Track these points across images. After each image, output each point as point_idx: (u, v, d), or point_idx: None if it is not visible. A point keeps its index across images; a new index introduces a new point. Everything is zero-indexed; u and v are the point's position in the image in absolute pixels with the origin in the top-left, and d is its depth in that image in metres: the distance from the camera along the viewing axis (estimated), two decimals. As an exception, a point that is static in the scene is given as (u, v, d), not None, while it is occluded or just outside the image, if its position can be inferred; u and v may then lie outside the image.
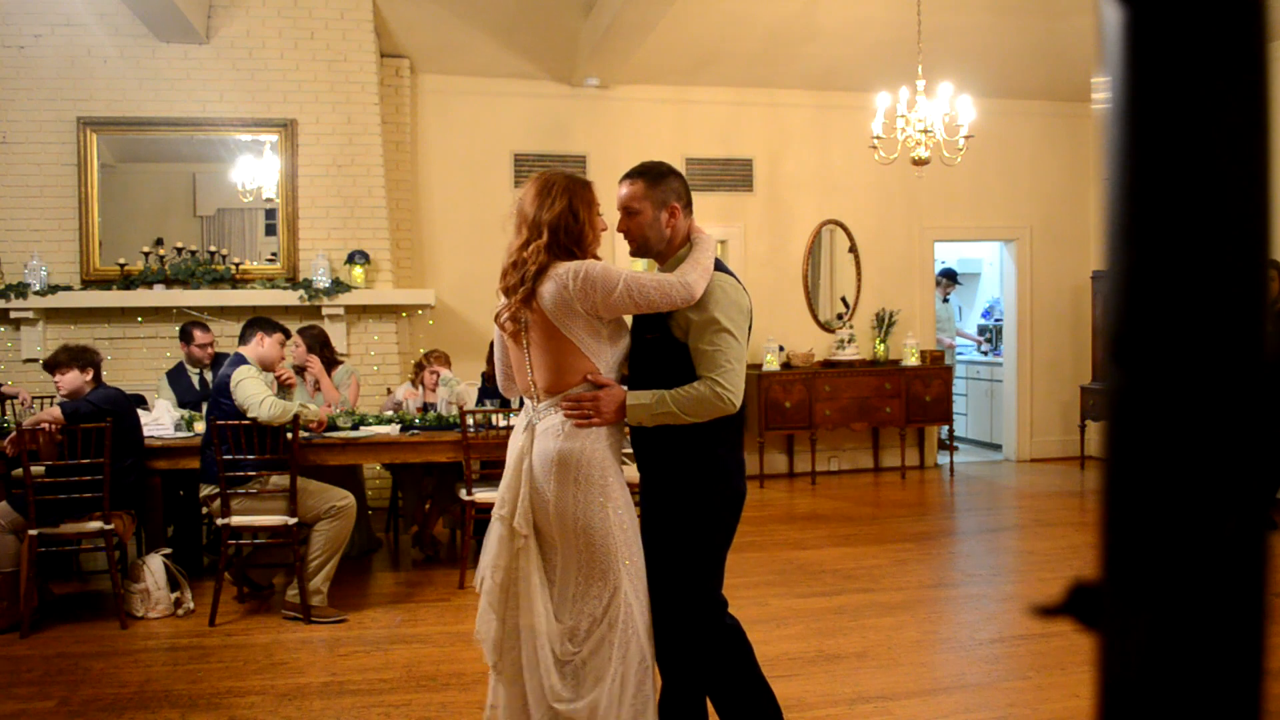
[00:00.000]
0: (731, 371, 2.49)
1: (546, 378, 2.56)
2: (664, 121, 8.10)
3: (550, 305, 2.48)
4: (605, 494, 2.48)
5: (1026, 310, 8.96)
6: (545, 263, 2.50)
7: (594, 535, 2.46)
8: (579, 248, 2.54)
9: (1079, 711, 3.41)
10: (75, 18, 6.72)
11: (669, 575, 2.58)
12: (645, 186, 2.61)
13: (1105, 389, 0.62)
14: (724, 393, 2.47)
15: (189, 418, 5.31)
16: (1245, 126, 0.57)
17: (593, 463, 2.48)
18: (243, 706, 3.55)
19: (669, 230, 2.62)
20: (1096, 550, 0.61)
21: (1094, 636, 0.62)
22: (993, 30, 7.49)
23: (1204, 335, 0.57)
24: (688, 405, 2.49)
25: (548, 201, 2.54)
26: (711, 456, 2.57)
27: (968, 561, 5.81)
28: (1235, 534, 0.57)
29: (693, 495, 2.56)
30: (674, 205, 2.61)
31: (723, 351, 2.49)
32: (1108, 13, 0.59)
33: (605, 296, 2.45)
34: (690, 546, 2.58)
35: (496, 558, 2.56)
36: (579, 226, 2.54)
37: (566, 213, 2.53)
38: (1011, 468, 8.83)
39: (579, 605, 2.48)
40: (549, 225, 2.51)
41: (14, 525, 4.44)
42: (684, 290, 2.48)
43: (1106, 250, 0.61)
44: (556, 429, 2.51)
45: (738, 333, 2.53)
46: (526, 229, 2.55)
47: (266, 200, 7.06)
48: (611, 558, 2.47)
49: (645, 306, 2.49)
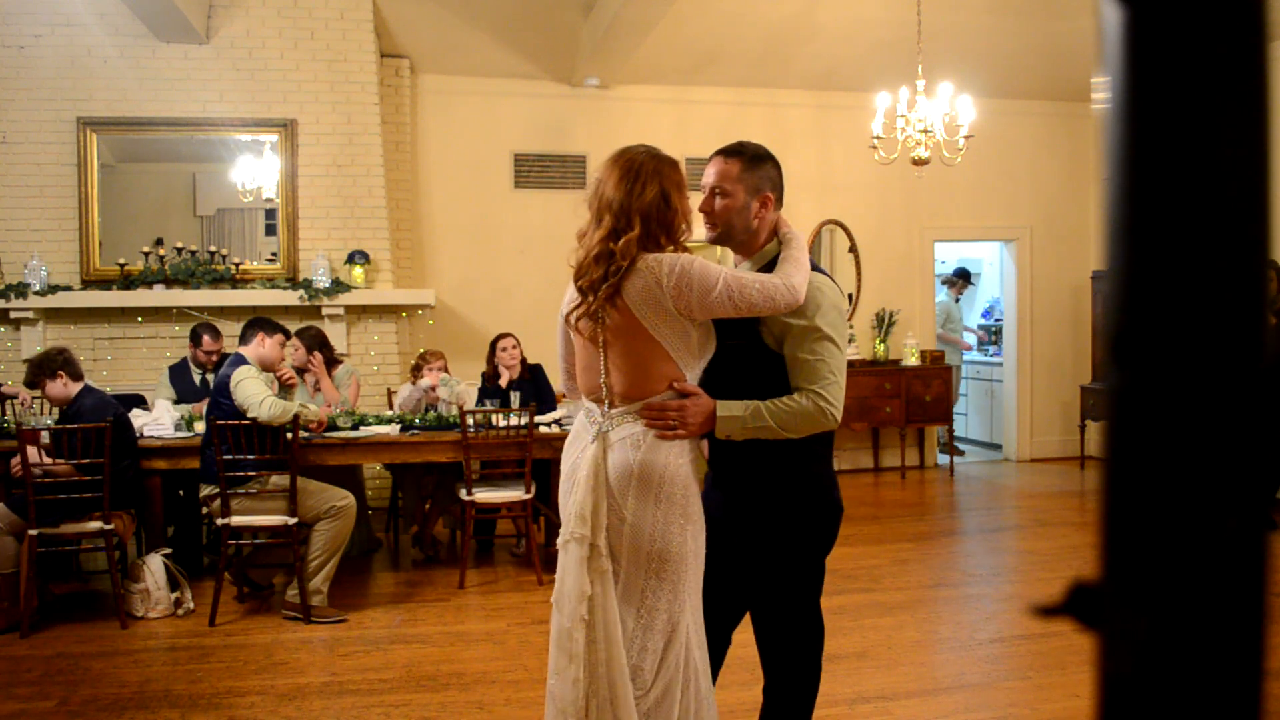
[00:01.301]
0: (835, 384, 2.27)
1: (625, 382, 2.27)
2: (664, 121, 8.10)
3: (638, 303, 2.20)
4: (687, 515, 2.23)
5: (1026, 310, 8.96)
6: (635, 256, 2.22)
7: (669, 560, 2.20)
8: (669, 236, 2.28)
9: (1079, 711, 3.41)
10: (75, 18, 6.72)
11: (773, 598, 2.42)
12: (742, 168, 2.38)
13: (1105, 389, 0.62)
14: (828, 407, 2.25)
15: (189, 417, 5.31)
16: (1245, 127, 0.57)
17: (676, 479, 2.21)
18: (243, 706, 3.55)
19: (757, 221, 2.38)
20: (1096, 550, 0.61)
21: (1094, 636, 0.62)
22: (993, 30, 7.49)
23: (1204, 335, 0.57)
24: (786, 419, 2.24)
25: (638, 187, 2.25)
26: (808, 473, 2.38)
27: (968, 561, 5.81)
28: (1235, 534, 0.57)
29: (794, 516, 2.36)
30: (768, 195, 2.38)
31: (825, 361, 2.26)
32: (1108, 13, 0.59)
33: (702, 296, 2.18)
34: (795, 569, 2.40)
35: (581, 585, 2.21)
36: (671, 214, 2.27)
37: (659, 199, 2.25)
38: (1012, 468, 8.83)
39: (640, 640, 2.22)
40: (641, 214, 2.23)
41: (13, 527, 4.44)
42: (789, 294, 2.22)
43: (1106, 250, 0.61)
44: (636, 439, 2.23)
45: (840, 340, 2.29)
46: (611, 217, 2.25)
47: (266, 200, 7.06)
48: (680, 587, 2.22)
49: (745, 310, 2.21)
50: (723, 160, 2.42)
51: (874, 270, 8.58)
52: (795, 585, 2.44)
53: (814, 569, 2.46)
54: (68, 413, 4.59)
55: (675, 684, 2.22)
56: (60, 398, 4.58)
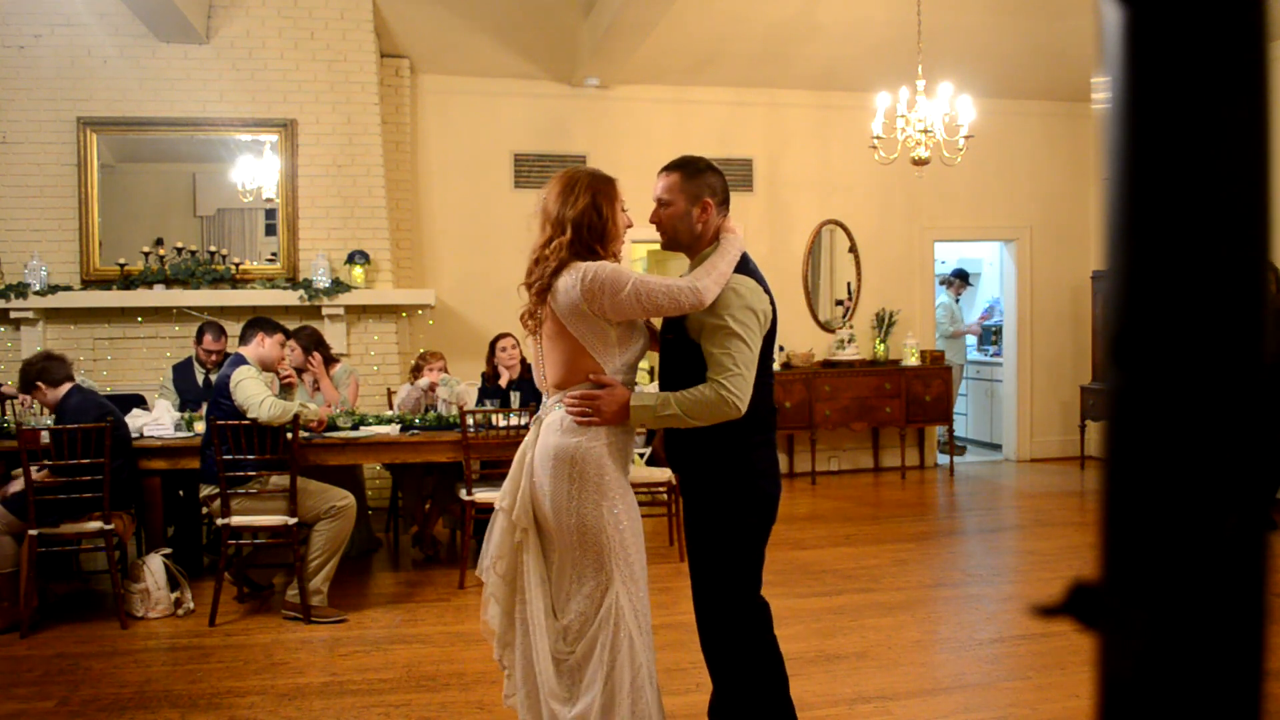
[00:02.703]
0: (738, 376, 2.45)
1: (554, 375, 2.57)
2: (664, 121, 8.10)
3: (560, 304, 2.48)
4: (601, 491, 2.47)
5: (1026, 310, 8.96)
6: (565, 260, 2.49)
7: (587, 533, 2.46)
8: (601, 245, 2.53)
9: (1079, 711, 3.41)
10: (75, 18, 6.72)
11: (706, 576, 2.61)
12: (681, 179, 2.61)
13: (1105, 389, 0.62)
14: (729, 396, 2.44)
15: (189, 418, 5.31)
16: (1245, 127, 0.57)
17: (588, 459, 2.47)
18: (243, 706, 3.55)
19: (700, 225, 2.61)
20: (1096, 550, 0.61)
21: (1094, 636, 0.62)
22: (993, 30, 7.49)
23: (1204, 336, 0.57)
24: (691, 408, 2.47)
25: (571, 198, 2.52)
26: (742, 459, 2.57)
27: (968, 561, 5.81)
28: (1235, 534, 0.57)
29: (722, 497, 2.57)
30: (706, 200, 2.60)
31: (731, 355, 2.46)
32: (1108, 13, 0.59)
33: (612, 298, 2.44)
34: (720, 549, 2.59)
35: (499, 548, 2.58)
36: (602, 223, 2.53)
37: (590, 209, 2.51)
38: (1011, 468, 8.83)
39: (571, 604, 2.49)
40: (572, 222, 2.50)
41: (11, 527, 4.44)
42: (692, 296, 2.45)
43: (1106, 250, 0.61)
44: (557, 424, 2.52)
45: (748, 337, 2.49)
46: (550, 226, 2.54)
47: (266, 200, 7.06)
48: (605, 557, 2.46)
49: (652, 310, 2.48)
50: (666, 175, 2.66)
51: (874, 270, 8.58)
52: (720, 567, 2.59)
53: (739, 555, 2.59)
54: (58, 415, 4.59)
55: (603, 647, 2.45)
56: (51, 403, 4.58)
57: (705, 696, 3.55)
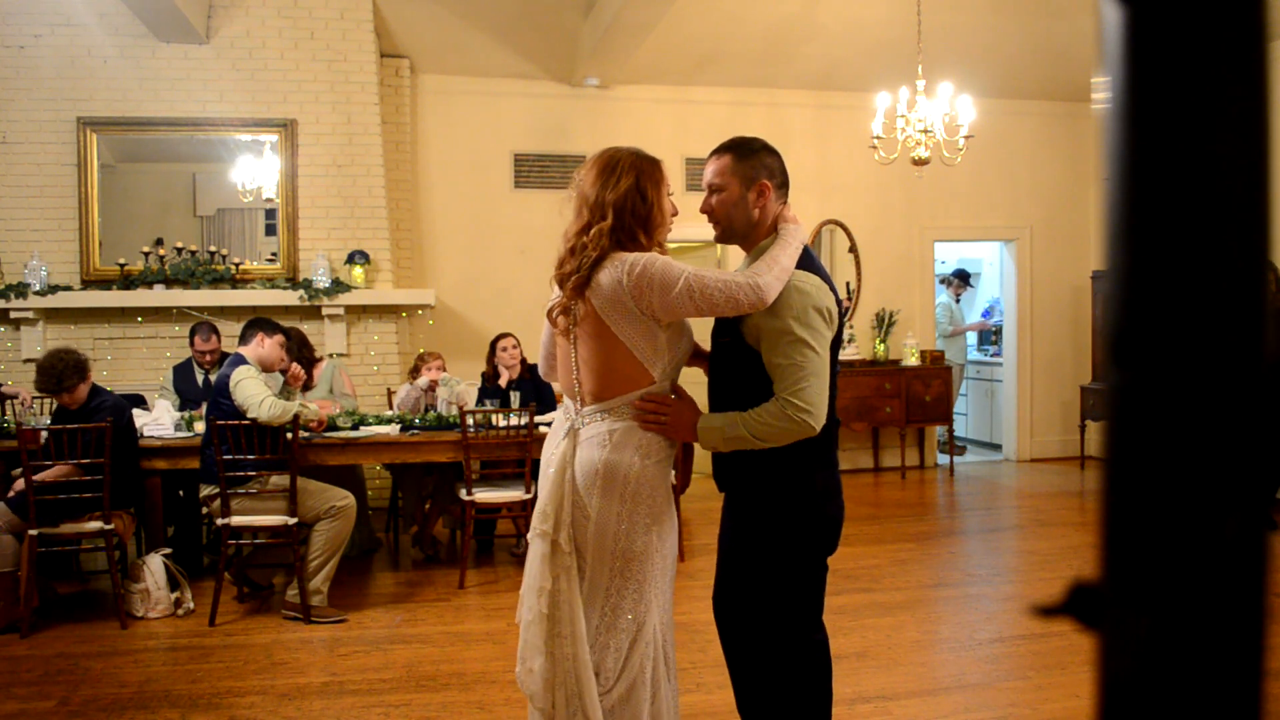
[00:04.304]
0: (808, 389, 2.16)
1: (593, 381, 2.28)
2: (664, 121, 8.11)
3: (603, 300, 2.20)
4: (653, 514, 2.23)
5: (1026, 310, 8.96)
6: (606, 249, 2.22)
7: (633, 559, 2.22)
8: (646, 232, 2.26)
9: (1079, 711, 3.41)
10: (75, 18, 6.72)
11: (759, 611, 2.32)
12: (734, 160, 2.33)
13: (1105, 389, 0.62)
14: (799, 415, 2.15)
15: (189, 418, 5.31)
16: (1245, 127, 0.57)
17: (643, 478, 2.22)
18: (243, 706, 3.55)
19: (757, 211, 2.32)
20: (1096, 550, 0.61)
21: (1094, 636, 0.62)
22: (993, 30, 7.49)
23: (1204, 335, 0.57)
24: (760, 429, 2.18)
25: (612, 180, 2.25)
26: (803, 480, 2.28)
27: (968, 561, 5.81)
28: (1235, 534, 0.57)
29: (781, 523, 2.28)
30: (764, 183, 2.32)
31: (799, 366, 2.16)
32: (1108, 13, 0.59)
33: (663, 296, 2.16)
34: (778, 580, 2.30)
35: (541, 580, 2.26)
36: (647, 207, 2.26)
37: (634, 191, 2.25)
38: (1011, 468, 8.83)
39: (604, 637, 2.24)
40: (614, 206, 2.23)
41: (12, 526, 4.44)
42: (753, 294, 2.15)
43: (1106, 250, 0.61)
44: (603, 437, 2.24)
45: (815, 342, 2.19)
46: (588, 211, 2.26)
47: (266, 200, 7.06)
48: (646, 587, 2.23)
49: (708, 310, 2.19)
50: (716, 157, 2.38)
51: (874, 270, 8.58)
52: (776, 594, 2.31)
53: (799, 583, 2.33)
54: (83, 412, 4.55)
55: (641, 684, 2.22)
56: (79, 400, 4.56)
57: (705, 696, 3.56)
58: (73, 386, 4.50)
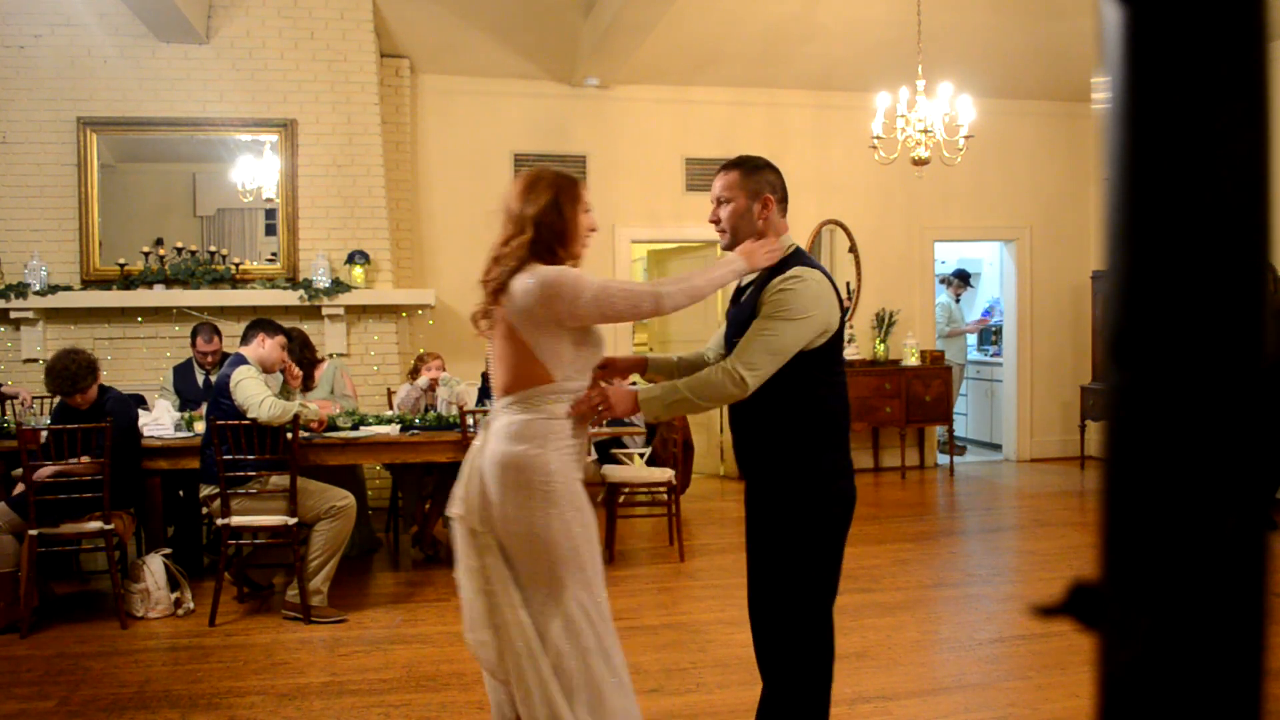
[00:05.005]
0: (758, 354, 2.37)
1: (502, 377, 2.49)
2: (664, 121, 8.11)
3: (514, 306, 2.41)
4: (549, 501, 2.39)
5: (1026, 310, 8.96)
6: (524, 260, 2.42)
7: (535, 544, 2.39)
8: (562, 245, 2.47)
9: (1079, 711, 3.41)
10: (75, 18, 6.72)
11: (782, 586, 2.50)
12: (741, 176, 2.56)
13: (1105, 389, 0.62)
14: (734, 371, 2.36)
15: (189, 418, 5.31)
16: (1245, 127, 0.57)
17: (535, 467, 2.39)
18: (243, 706, 3.55)
19: (761, 222, 2.54)
20: (1096, 550, 0.61)
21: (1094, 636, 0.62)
22: (993, 30, 7.49)
23: (1204, 335, 0.57)
24: (700, 388, 2.40)
25: (532, 197, 2.45)
26: (816, 461, 2.47)
27: (968, 561, 5.81)
28: (1235, 534, 0.57)
29: (800, 501, 2.46)
30: (767, 197, 2.55)
31: (761, 337, 2.38)
32: (1108, 13, 0.59)
33: (571, 305, 2.37)
34: (800, 556, 2.48)
35: (466, 559, 2.49)
36: (563, 223, 2.45)
37: (551, 208, 2.44)
38: (1011, 468, 8.83)
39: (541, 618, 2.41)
40: (532, 221, 2.43)
41: (13, 526, 4.44)
42: (653, 301, 2.41)
43: (1106, 250, 0.61)
44: (507, 429, 2.44)
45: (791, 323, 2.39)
46: (510, 225, 2.47)
47: (266, 200, 7.06)
48: (559, 570, 2.39)
49: (613, 316, 2.47)
50: (724, 173, 2.60)
51: (874, 270, 8.58)
52: (798, 575, 2.48)
53: (819, 563, 2.49)
54: (94, 410, 4.54)
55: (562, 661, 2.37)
56: (90, 400, 4.56)
57: (705, 696, 3.56)
58: (86, 387, 4.51)
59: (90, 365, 4.52)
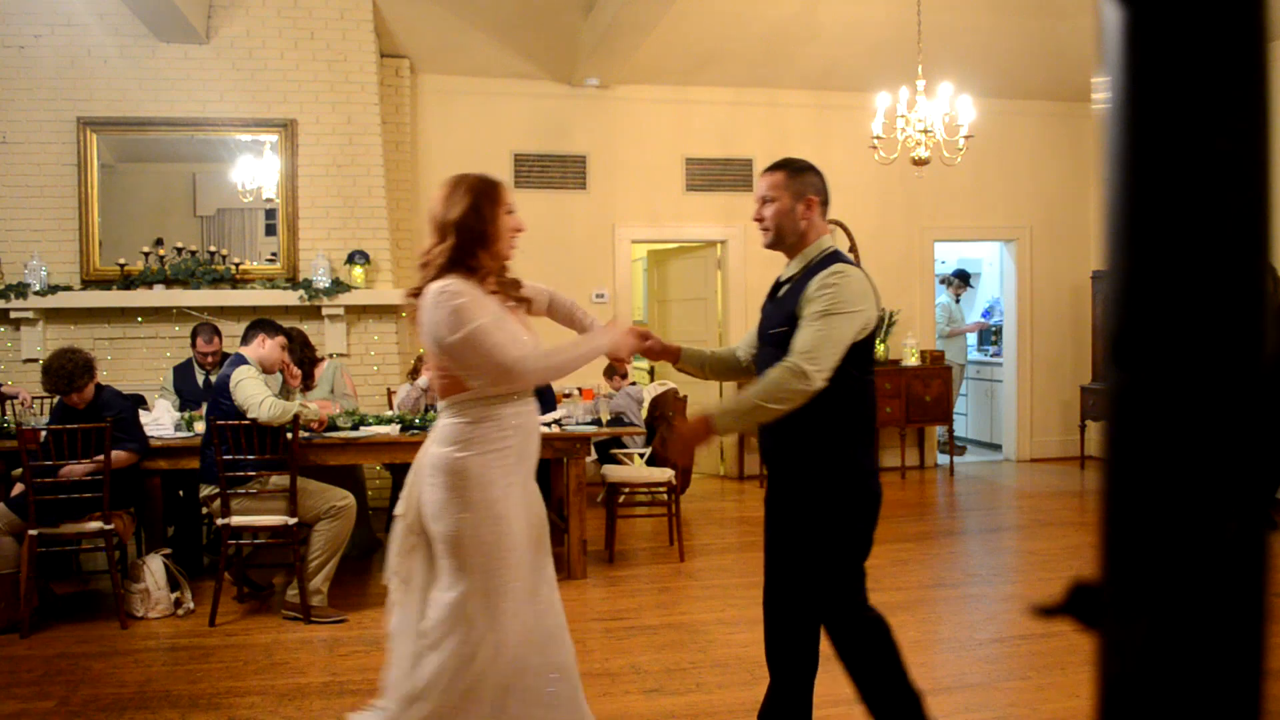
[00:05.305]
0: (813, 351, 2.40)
1: (437, 382, 2.53)
2: (664, 121, 8.11)
3: (421, 315, 2.46)
4: (462, 503, 2.42)
5: (1026, 310, 8.96)
6: (443, 267, 2.45)
7: (449, 541, 2.44)
8: (484, 248, 2.48)
9: (1079, 711, 3.41)
10: (75, 18, 6.72)
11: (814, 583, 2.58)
12: (786, 177, 2.63)
13: (1105, 389, 0.62)
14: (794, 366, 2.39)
15: (189, 418, 5.31)
16: (1245, 127, 0.57)
17: (455, 470, 2.43)
18: (243, 706, 3.55)
19: (804, 223, 2.61)
20: (1096, 550, 0.61)
21: (1094, 636, 0.62)
22: (993, 30, 7.49)
23: (1204, 336, 0.57)
24: (768, 393, 2.41)
25: (453, 201, 2.48)
26: (848, 459, 2.54)
27: (968, 561, 5.81)
28: (1235, 535, 0.57)
29: (832, 499, 2.53)
30: (811, 198, 2.61)
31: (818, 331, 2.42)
32: (1108, 13, 0.59)
33: (448, 334, 2.38)
34: (832, 554, 2.56)
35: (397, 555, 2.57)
36: (482, 225, 2.47)
37: (470, 211, 2.46)
38: (1011, 468, 8.83)
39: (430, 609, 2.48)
40: (454, 226, 2.46)
41: (12, 527, 4.44)
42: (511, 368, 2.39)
43: (1106, 250, 0.61)
44: (440, 432, 2.50)
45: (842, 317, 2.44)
46: (434, 231, 2.50)
47: (266, 200, 7.06)
48: (467, 566, 2.42)
49: (466, 367, 2.41)
50: (769, 174, 2.66)
51: (874, 270, 8.41)
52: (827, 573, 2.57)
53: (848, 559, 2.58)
54: (91, 409, 4.54)
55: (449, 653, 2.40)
56: (86, 399, 4.56)
57: (705, 696, 3.56)
58: (83, 386, 4.51)
59: (87, 364, 4.52)
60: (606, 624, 4.50)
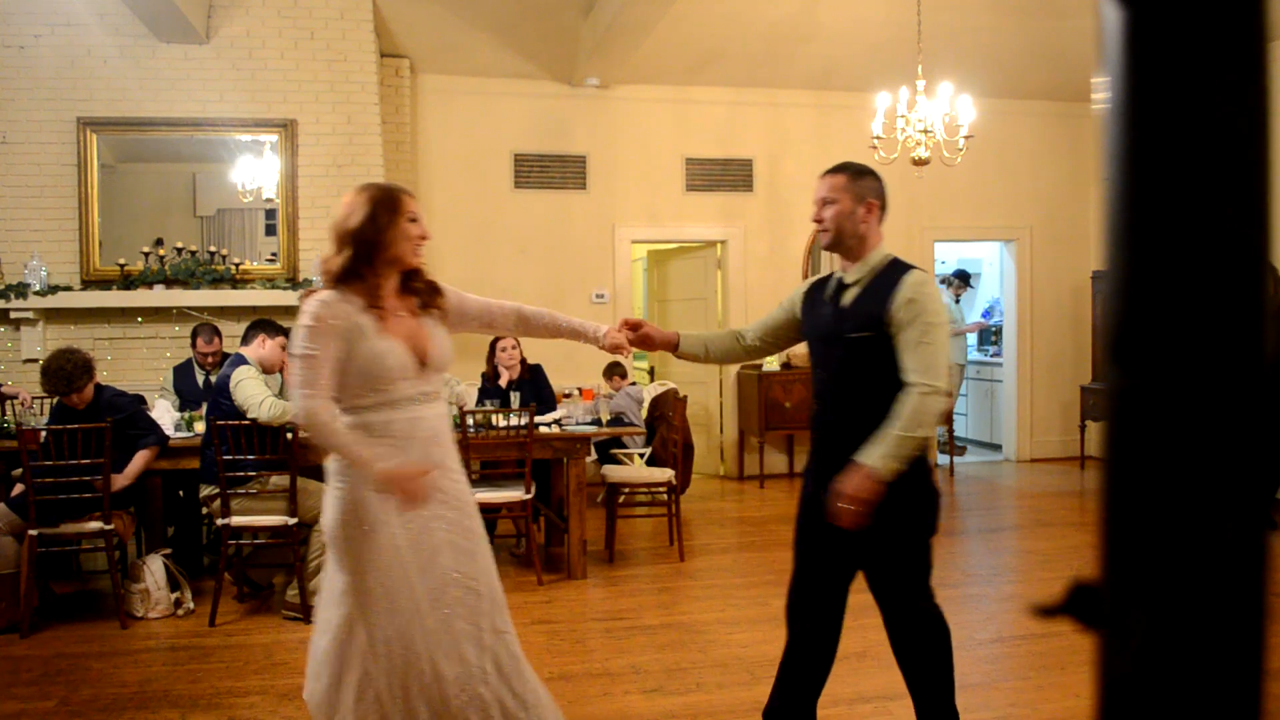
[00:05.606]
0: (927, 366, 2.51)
1: None
2: (664, 121, 8.11)
3: None
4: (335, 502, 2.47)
5: (1026, 310, 8.96)
6: (334, 277, 2.48)
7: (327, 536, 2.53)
8: (378, 256, 2.47)
9: (1079, 711, 3.41)
10: (75, 18, 6.72)
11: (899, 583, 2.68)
12: (847, 180, 2.67)
13: (1105, 389, 0.62)
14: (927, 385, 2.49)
15: (189, 418, 5.31)
16: (1245, 127, 0.57)
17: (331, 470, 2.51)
18: (243, 706, 3.55)
19: (864, 226, 2.65)
20: (1096, 550, 0.61)
21: (1094, 636, 0.62)
22: (993, 30, 7.49)
23: (1204, 336, 0.57)
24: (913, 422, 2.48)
25: (352, 212, 2.48)
26: (924, 458, 2.60)
27: (968, 561, 5.81)
28: (1235, 535, 0.57)
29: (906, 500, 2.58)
30: (871, 201, 2.65)
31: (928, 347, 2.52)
32: (1108, 13, 0.59)
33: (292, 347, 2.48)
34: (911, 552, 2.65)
35: None
36: (376, 234, 2.45)
37: (368, 221, 2.45)
38: (1011, 468, 8.83)
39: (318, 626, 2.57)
40: (350, 235, 2.46)
41: (12, 527, 4.44)
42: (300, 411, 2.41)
43: (1106, 250, 0.61)
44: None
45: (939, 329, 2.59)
46: (335, 242, 2.51)
47: (266, 200, 7.06)
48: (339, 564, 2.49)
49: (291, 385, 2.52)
50: (830, 176, 2.70)
51: (874, 270, 8.57)
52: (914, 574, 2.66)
53: (921, 554, 2.66)
54: (91, 410, 4.54)
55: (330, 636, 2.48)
56: (86, 400, 4.55)
57: (705, 696, 3.56)
58: (82, 387, 4.50)
59: (85, 364, 4.52)
60: (606, 624, 4.49)
